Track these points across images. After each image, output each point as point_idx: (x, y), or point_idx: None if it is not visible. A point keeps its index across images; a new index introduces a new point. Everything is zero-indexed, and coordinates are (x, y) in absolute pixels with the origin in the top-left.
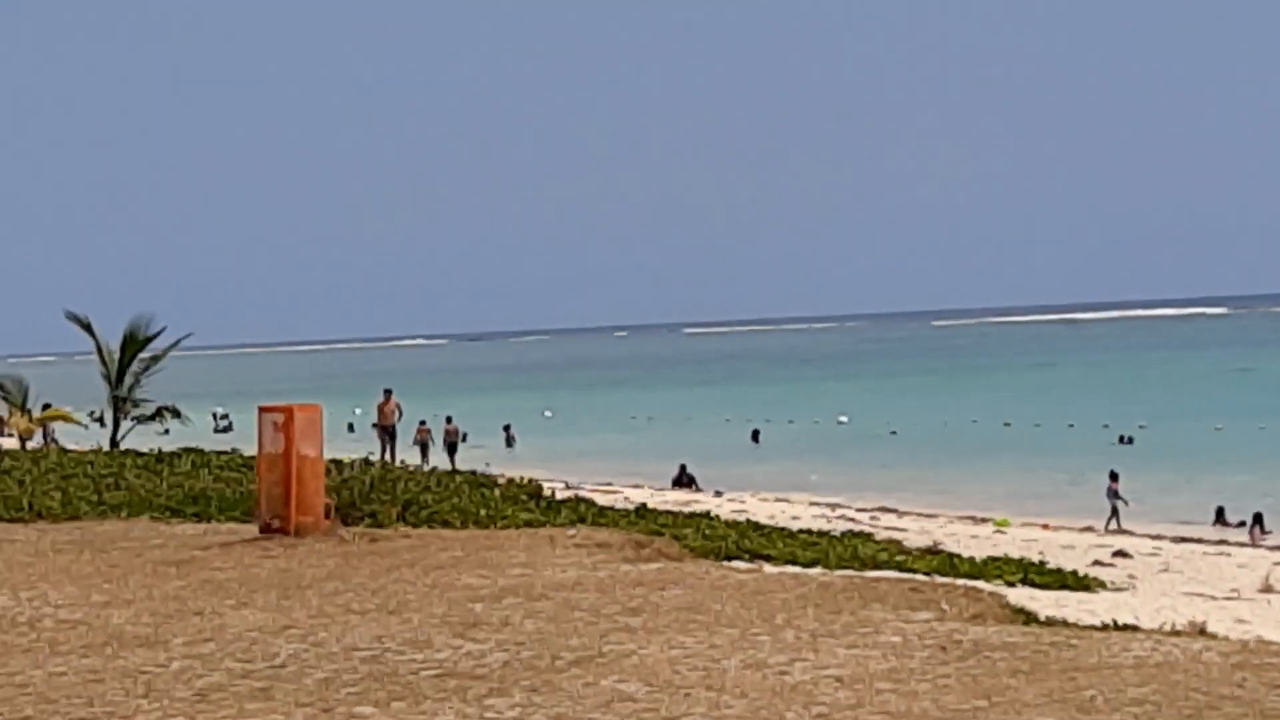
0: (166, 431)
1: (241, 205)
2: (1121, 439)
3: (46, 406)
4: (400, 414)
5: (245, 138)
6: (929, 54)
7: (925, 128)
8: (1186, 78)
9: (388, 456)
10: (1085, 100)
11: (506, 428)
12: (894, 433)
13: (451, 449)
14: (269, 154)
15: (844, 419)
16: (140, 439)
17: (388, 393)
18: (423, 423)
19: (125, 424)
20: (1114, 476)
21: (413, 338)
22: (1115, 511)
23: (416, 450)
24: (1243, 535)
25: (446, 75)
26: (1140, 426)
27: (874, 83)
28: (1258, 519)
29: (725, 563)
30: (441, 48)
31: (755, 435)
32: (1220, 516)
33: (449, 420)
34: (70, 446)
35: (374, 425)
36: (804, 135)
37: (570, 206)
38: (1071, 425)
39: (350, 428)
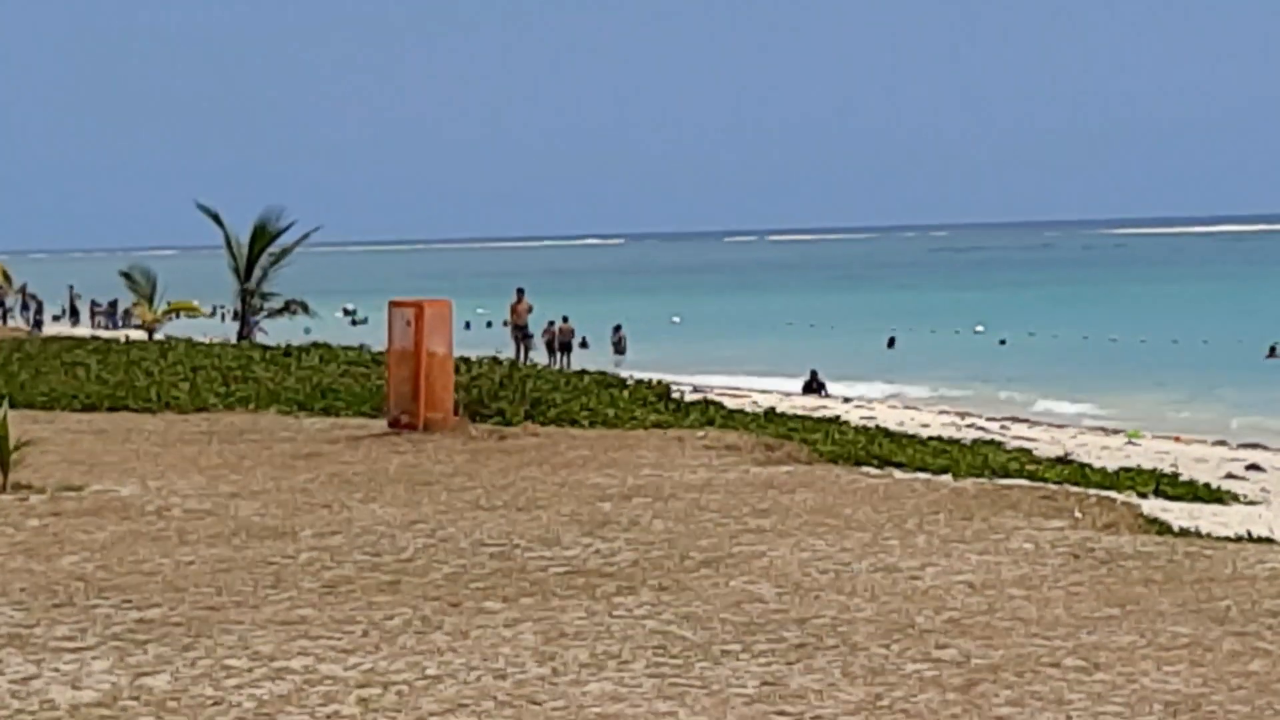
0: (308, 330)
1: (396, 99)
2: (1272, 351)
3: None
4: (530, 312)
5: (391, 21)
6: None
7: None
8: None
9: (522, 356)
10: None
11: (616, 328)
12: (1002, 342)
13: (565, 349)
14: (422, 38)
15: (980, 329)
16: (269, 333)
17: (520, 292)
18: (551, 323)
19: (254, 317)
20: None
21: (579, 237)
22: None
23: (543, 349)
24: None
25: None
26: (1273, 345)
27: None
28: None
29: (855, 468)
30: None
31: (891, 342)
32: None
33: (565, 320)
34: (199, 339)
35: (508, 324)
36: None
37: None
38: (1206, 341)
39: (466, 325)
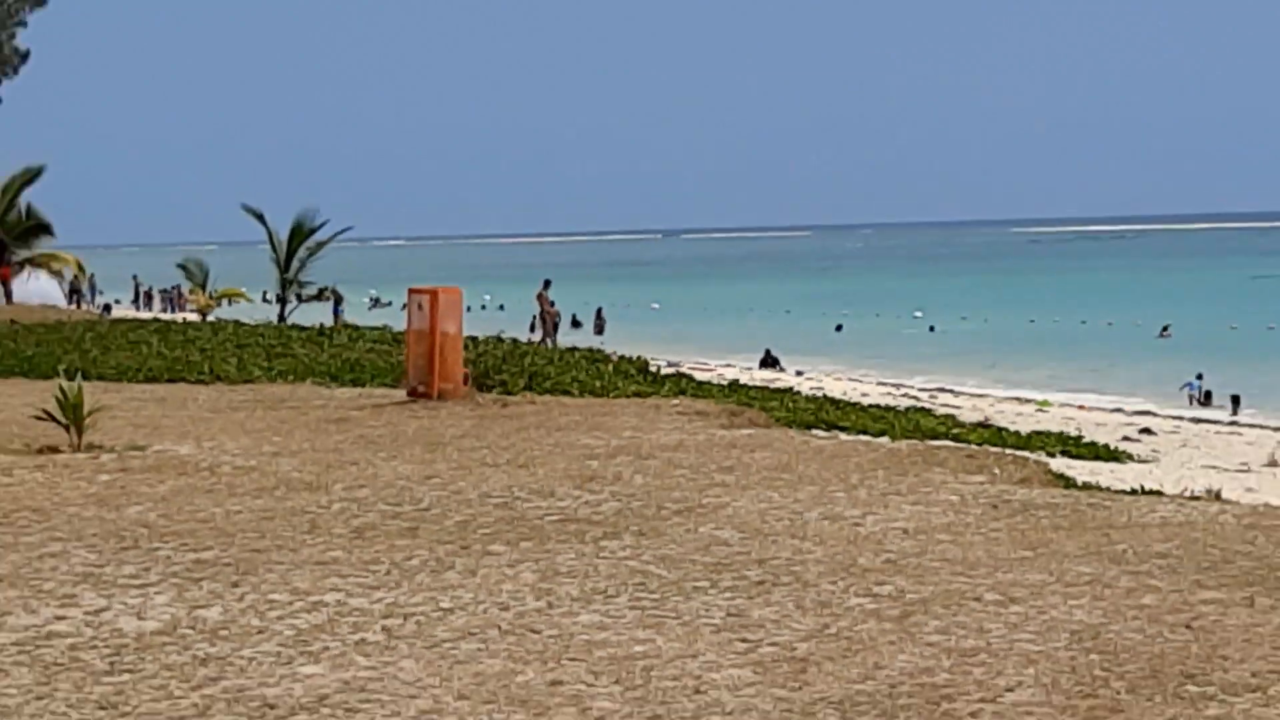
0: (318, 301)
1: (438, 101)
2: (1164, 331)
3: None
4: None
5: (431, 26)
6: None
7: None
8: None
9: (547, 341)
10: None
11: (598, 311)
12: (931, 329)
13: (552, 329)
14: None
15: (919, 314)
16: (304, 316)
17: (547, 283)
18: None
19: (291, 303)
20: None
21: (618, 233)
22: None
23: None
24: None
25: None
26: (1164, 326)
27: None
28: (1235, 400)
29: (806, 431)
30: None
31: (838, 328)
32: (1208, 400)
33: (550, 305)
34: (245, 321)
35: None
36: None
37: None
38: (1110, 323)
39: (467, 308)
